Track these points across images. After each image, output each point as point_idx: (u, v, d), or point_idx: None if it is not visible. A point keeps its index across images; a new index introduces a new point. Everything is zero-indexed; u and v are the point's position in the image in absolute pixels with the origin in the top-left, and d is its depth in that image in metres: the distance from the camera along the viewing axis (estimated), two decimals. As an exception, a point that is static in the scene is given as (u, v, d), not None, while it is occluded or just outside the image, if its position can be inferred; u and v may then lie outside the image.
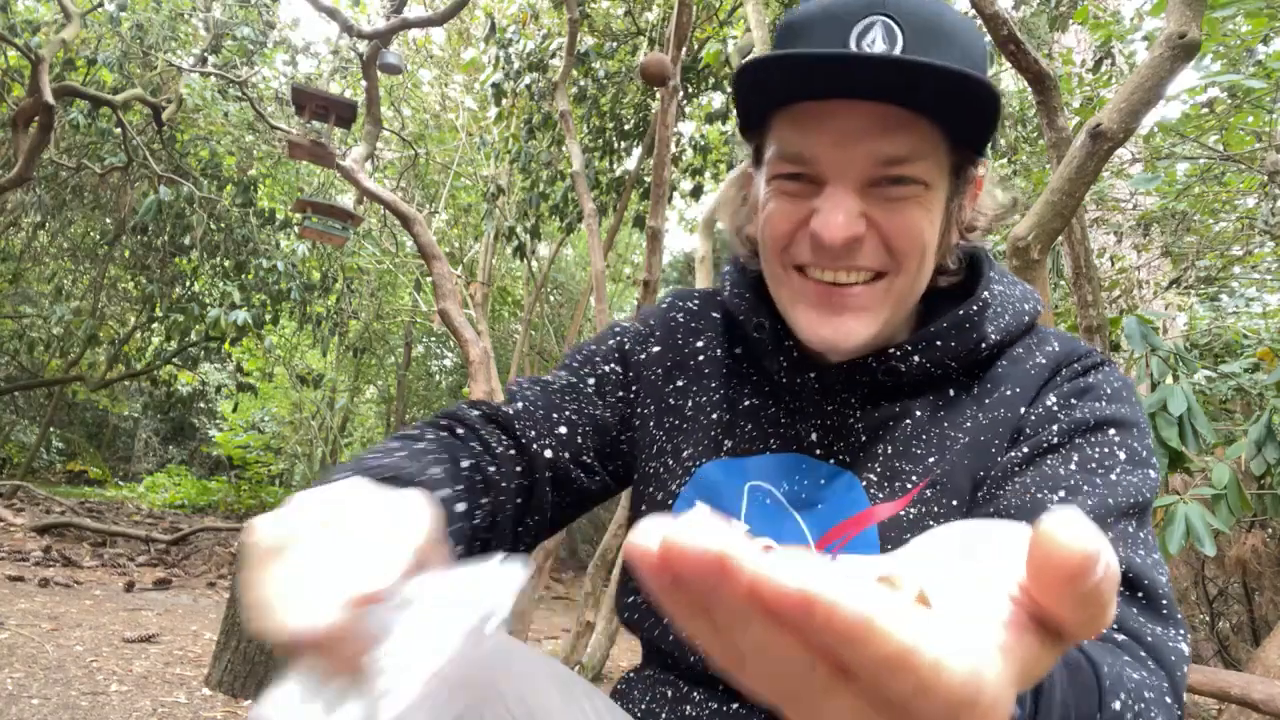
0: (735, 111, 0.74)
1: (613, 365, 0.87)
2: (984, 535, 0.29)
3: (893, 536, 0.70)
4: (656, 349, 0.87)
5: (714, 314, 0.88)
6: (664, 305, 0.92)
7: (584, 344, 0.92)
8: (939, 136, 0.68)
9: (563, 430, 0.81)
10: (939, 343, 0.74)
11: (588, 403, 0.84)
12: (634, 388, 0.87)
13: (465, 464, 0.72)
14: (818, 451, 0.77)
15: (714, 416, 0.82)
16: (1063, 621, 0.26)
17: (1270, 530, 3.88)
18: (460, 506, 0.67)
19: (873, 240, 0.69)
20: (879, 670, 0.23)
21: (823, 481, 0.75)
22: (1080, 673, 0.48)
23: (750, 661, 0.26)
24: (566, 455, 0.80)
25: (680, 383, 0.85)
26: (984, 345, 0.75)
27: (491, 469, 0.75)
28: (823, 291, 0.71)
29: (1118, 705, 0.49)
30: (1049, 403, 0.72)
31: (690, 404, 0.84)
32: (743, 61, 0.67)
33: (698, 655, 0.75)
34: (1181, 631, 0.60)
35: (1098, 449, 0.68)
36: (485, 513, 0.72)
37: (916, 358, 0.74)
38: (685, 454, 0.82)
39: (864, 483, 0.74)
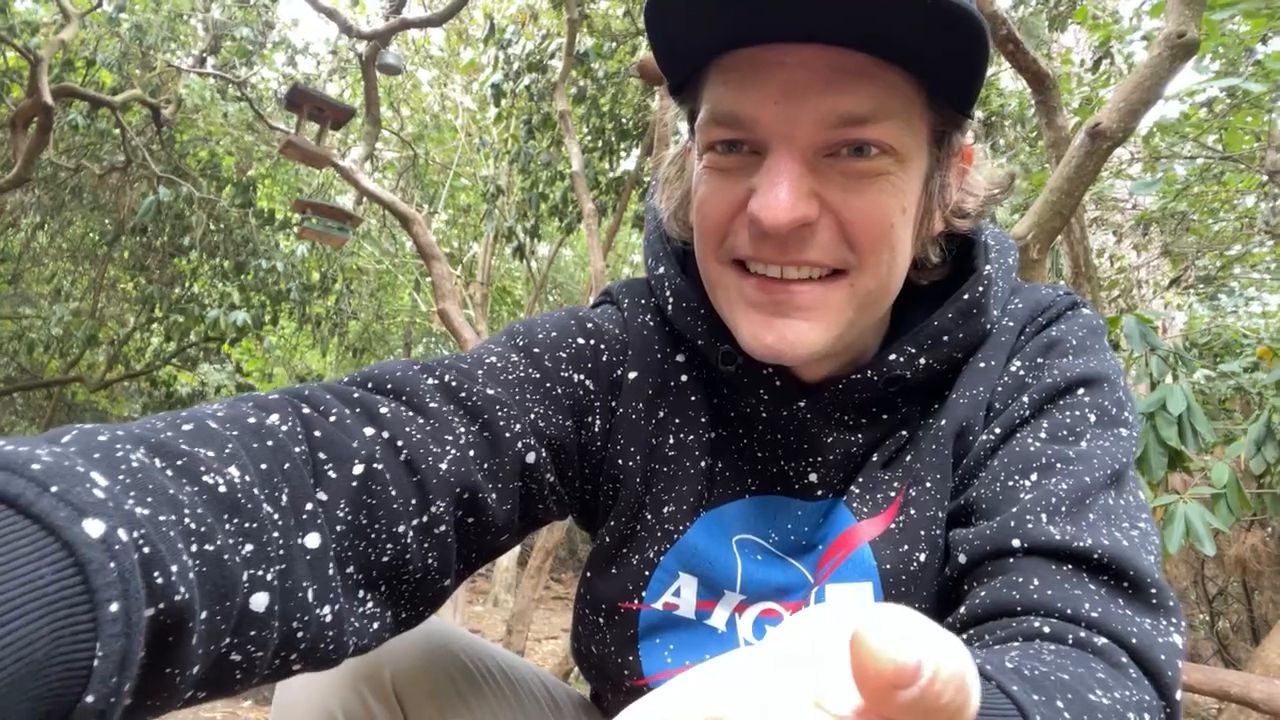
0: (659, 65, 0.58)
1: (583, 377, 0.68)
2: (840, 634, 0.24)
3: (888, 554, 0.64)
4: (635, 374, 0.69)
5: (688, 318, 0.72)
6: (624, 308, 0.73)
7: (534, 325, 0.70)
8: (913, 91, 0.55)
9: (532, 439, 0.62)
10: (946, 337, 0.63)
11: (555, 409, 0.65)
12: (611, 422, 0.69)
13: (357, 469, 0.50)
14: (819, 493, 0.68)
15: (702, 464, 0.69)
16: None
17: (1270, 529, 3.88)
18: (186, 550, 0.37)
19: (828, 228, 0.56)
20: None
21: (820, 521, 0.68)
22: None
23: None
24: (543, 465, 0.62)
25: (662, 414, 0.70)
26: (991, 327, 0.65)
27: (418, 471, 0.53)
28: (765, 287, 0.58)
29: None
30: (1014, 368, 0.65)
31: (672, 442, 0.69)
32: None
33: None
34: (1173, 620, 0.54)
35: (1068, 413, 0.62)
36: (361, 539, 0.50)
37: (923, 360, 0.63)
38: (667, 511, 0.68)
39: (846, 498, 0.67)
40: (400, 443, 0.53)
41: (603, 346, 0.70)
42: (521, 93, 5.68)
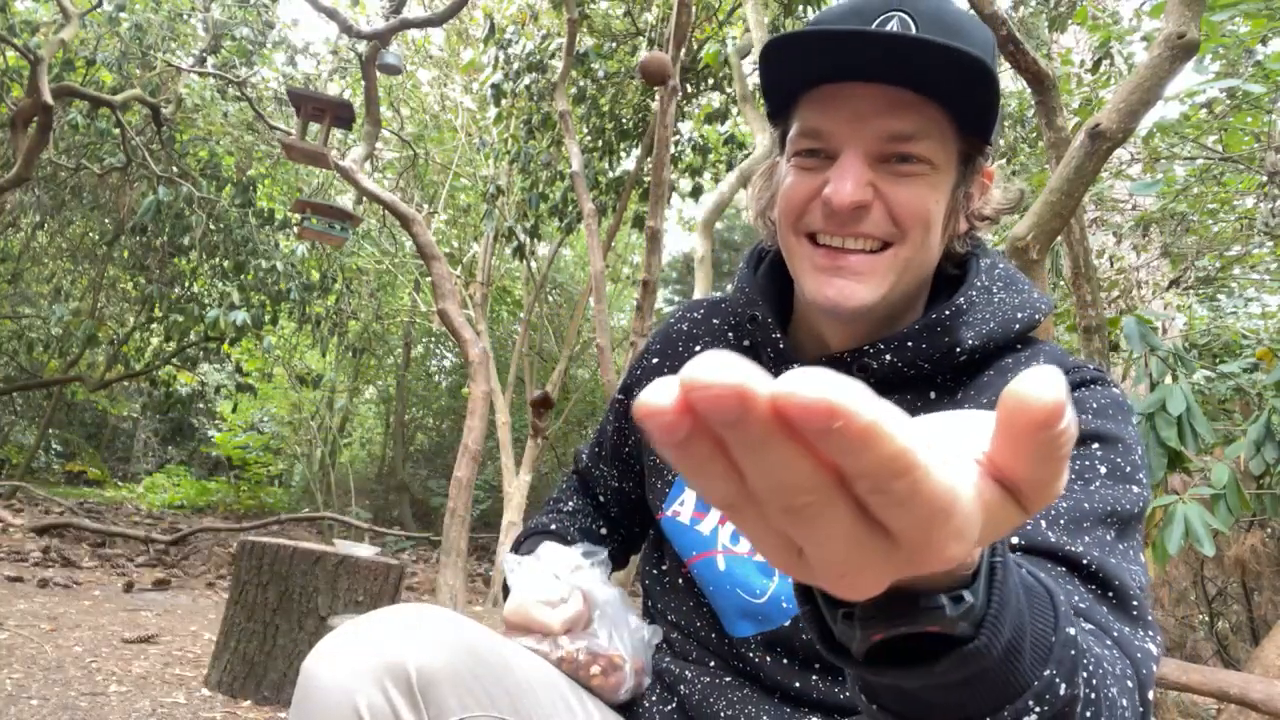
0: (763, 97, 0.81)
1: (612, 420, 1.03)
2: (954, 419, 0.32)
3: None
4: (654, 360, 0.98)
5: (715, 320, 0.95)
6: (672, 319, 1.01)
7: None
8: (946, 121, 0.74)
9: (614, 514, 1.06)
10: (909, 344, 0.78)
11: (617, 479, 1.04)
12: (629, 404, 0.92)
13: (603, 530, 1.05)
14: None
15: None
16: (1020, 481, 0.28)
17: (1269, 530, 3.88)
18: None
19: (880, 210, 0.74)
20: (880, 472, 0.25)
21: None
22: (1035, 595, 0.44)
23: (758, 495, 0.27)
24: (623, 529, 1.06)
25: None
26: (959, 350, 0.78)
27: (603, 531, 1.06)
28: (828, 255, 0.77)
29: (1073, 631, 0.46)
30: None
31: None
32: (770, 39, 0.74)
33: (710, 634, 0.84)
34: (1151, 633, 0.59)
35: (1078, 461, 0.67)
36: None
37: (888, 356, 0.78)
38: None
39: None
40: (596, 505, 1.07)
41: (636, 369, 1.01)
42: (521, 93, 5.68)
